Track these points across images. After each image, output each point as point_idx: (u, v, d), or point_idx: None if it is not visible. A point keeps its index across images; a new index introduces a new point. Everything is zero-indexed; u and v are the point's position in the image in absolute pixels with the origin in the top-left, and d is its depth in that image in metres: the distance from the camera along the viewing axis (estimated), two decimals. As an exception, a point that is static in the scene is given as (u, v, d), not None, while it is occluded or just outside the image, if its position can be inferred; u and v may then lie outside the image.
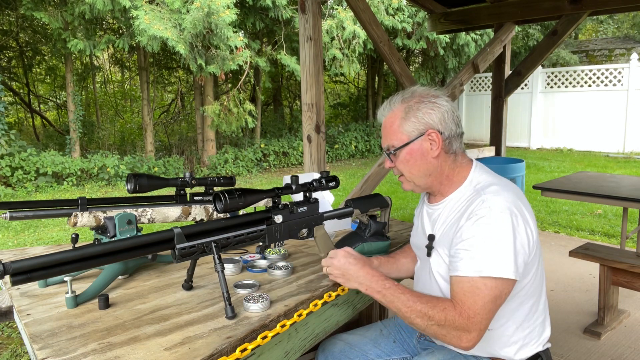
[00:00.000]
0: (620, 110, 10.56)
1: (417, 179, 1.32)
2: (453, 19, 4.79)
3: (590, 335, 2.77)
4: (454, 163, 1.31)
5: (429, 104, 1.27)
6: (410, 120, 1.27)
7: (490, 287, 1.14)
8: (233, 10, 7.69)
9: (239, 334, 1.12)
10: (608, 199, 3.18)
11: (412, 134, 1.27)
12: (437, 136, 1.26)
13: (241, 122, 8.90)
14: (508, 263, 1.14)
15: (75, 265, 1.00)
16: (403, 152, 1.29)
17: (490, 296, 1.14)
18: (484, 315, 1.14)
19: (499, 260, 1.13)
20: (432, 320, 1.16)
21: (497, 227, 1.15)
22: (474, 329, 1.14)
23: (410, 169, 1.31)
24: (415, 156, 1.28)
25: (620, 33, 17.49)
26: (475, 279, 1.14)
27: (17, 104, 12.85)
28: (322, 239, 1.51)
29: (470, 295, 1.14)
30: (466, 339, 1.14)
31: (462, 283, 1.16)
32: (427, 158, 1.28)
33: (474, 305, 1.14)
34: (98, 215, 1.42)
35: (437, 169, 1.29)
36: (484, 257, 1.14)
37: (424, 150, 1.27)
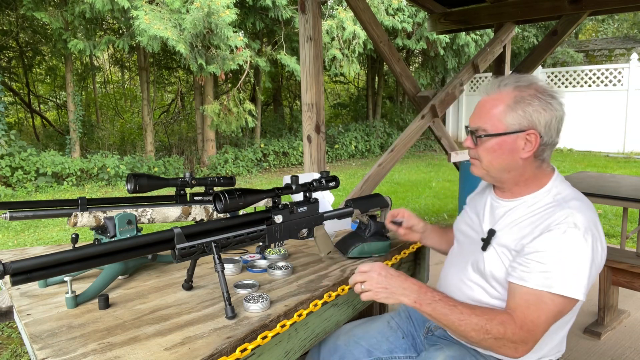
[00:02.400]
0: (620, 110, 10.56)
1: (494, 171, 1.23)
2: (453, 19, 4.79)
3: (590, 335, 2.77)
4: (538, 169, 1.23)
5: (544, 102, 1.16)
6: (516, 112, 1.16)
7: (556, 304, 1.10)
8: (233, 10, 7.69)
9: (239, 334, 1.12)
10: (608, 199, 3.18)
11: (512, 127, 1.17)
12: (535, 138, 1.16)
13: (241, 122, 8.90)
14: (580, 284, 1.10)
15: (75, 265, 1.00)
16: (492, 141, 1.19)
17: (554, 312, 1.11)
18: (543, 329, 1.12)
19: (573, 279, 1.09)
20: (490, 334, 1.11)
21: (579, 246, 1.10)
22: (532, 341, 1.12)
23: (491, 160, 1.22)
24: (504, 150, 1.19)
25: (620, 33, 17.49)
26: (544, 293, 1.10)
27: (17, 104, 12.86)
28: (322, 239, 1.51)
29: (535, 309, 1.11)
30: (522, 350, 1.12)
31: (529, 295, 1.12)
32: (515, 156, 1.19)
33: (538, 319, 1.11)
34: (98, 216, 1.42)
35: (520, 169, 1.21)
36: (558, 273, 1.09)
37: (515, 147, 1.18)
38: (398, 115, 14.53)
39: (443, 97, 4.14)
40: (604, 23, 18.26)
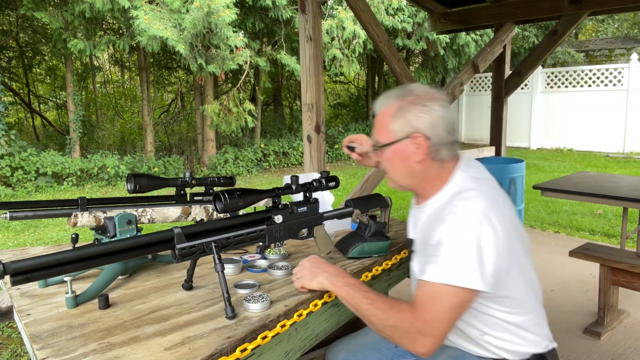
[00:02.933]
0: (620, 110, 10.56)
1: (399, 179, 1.31)
2: (453, 19, 4.79)
3: (590, 335, 2.77)
4: (439, 169, 1.26)
5: (421, 107, 1.21)
6: (399, 120, 1.23)
7: (451, 295, 1.11)
8: (233, 10, 7.69)
9: (239, 334, 1.12)
10: (608, 199, 3.18)
11: (398, 135, 1.23)
12: (423, 141, 1.21)
13: (241, 122, 8.90)
14: (473, 272, 1.10)
15: (75, 265, 1.00)
16: (388, 151, 1.27)
17: (450, 304, 1.11)
18: (441, 322, 1.12)
19: (463, 269, 1.10)
20: (388, 321, 1.15)
21: (462, 234, 1.12)
22: (430, 335, 1.11)
23: (392, 168, 1.30)
24: (399, 157, 1.25)
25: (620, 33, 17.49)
26: (438, 285, 1.12)
27: (17, 104, 12.86)
28: (322, 239, 1.51)
29: (430, 300, 1.13)
30: (421, 343, 1.12)
31: (425, 287, 1.14)
32: (410, 161, 1.24)
33: (433, 310, 1.12)
34: (98, 215, 1.42)
35: (420, 174, 1.26)
36: (448, 264, 1.11)
37: (407, 153, 1.24)
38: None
39: (443, 97, 4.13)
40: (604, 23, 18.26)
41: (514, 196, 4.60)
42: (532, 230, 5.10)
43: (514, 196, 4.60)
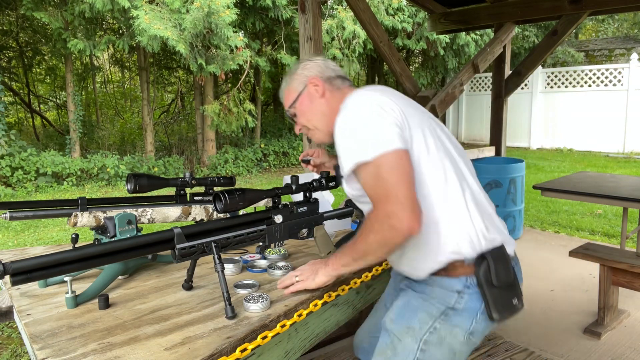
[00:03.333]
0: (620, 110, 10.55)
1: (316, 121, 1.41)
2: (453, 19, 4.79)
3: (590, 335, 2.77)
4: (341, 96, 1.38)
5: (305, 63, 1.47)
6: (294, 81, 1.45)
7: (382, 165, 1.12)
8: (233, 10, 7.69)
9: (239, 334, 1.12)
10: (608, 199, 3.18)
11: (299, 88, 1.43)
12: (318, 80, 1.41)
13: (241, 122, 8.89)
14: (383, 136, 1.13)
15: (75, 265, 1.00)
16: (298, 106, 1.43)
17: (387, 172, 1.11)
18: (396, 191, 1.10)
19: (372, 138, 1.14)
20: (369, 237, 1.14)
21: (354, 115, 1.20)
22: (395, 208, 1.09)
23: (307, 116, 1.42)
24: (306, 102, 1.42)
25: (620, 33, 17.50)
26: (366, 165, 1.14)
27: (17, 104, 12.86)
28: (322, 239, 1.52)
29: (371, 183, 1.14)
30: (397, 221, 1.09)
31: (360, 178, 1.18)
32: (316, 100, 1.41)
33: (379, 188, 1.12)
34: (98, 215, 1.42)
35: (328, 106, 1.39)
36: (356, 144, 1.16)
37: (312, 95, 1.41)
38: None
39: (443, 97, 4.14)
40: (604, 23, 18.26)
41: (513, 196, 4.61)
42: (532, 230, 5.10)
43: (513, 196, 4.61)
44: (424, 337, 1.22)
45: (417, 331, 1.23)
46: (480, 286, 1.20)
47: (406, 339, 1.23)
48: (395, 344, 1.25)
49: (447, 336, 1.22)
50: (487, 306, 1.21)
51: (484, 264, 1.20)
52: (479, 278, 1.20)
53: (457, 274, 1.21)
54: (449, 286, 1.22)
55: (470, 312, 1.21)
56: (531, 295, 3.36)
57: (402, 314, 1.27)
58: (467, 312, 1.21)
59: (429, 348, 1.22)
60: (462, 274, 1.21)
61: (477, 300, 1.21)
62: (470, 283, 1.21)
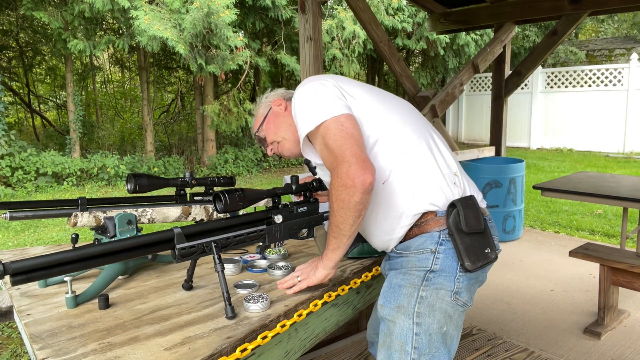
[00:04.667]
0: (620, 110, 10.55)
1: (283, 132, 1.48)
2: (453, 19, 4.79)
3: (590, 335, 2.77)
4: None
5: (267, 94, 1.59)
6: (260, 108, 1.56)
7: (331, 128, 1.21)
8: (233, 10, 7.68)
9: (239, 334, 1.12)
10: (608, 199, 3.18)
11: (264, 111, 1.54)
12: (280, 100, 1.52)
13: (241, 121, 8.89)
14: (328, 105, 1.24)
15: (75, 265, 1.00)
16: (264, 127, 1.52)
17: (336, 133, 1.20)
18: (347, 148, 1.17)
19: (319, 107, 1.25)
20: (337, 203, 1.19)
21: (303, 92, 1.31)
22: (349, 165, 1.15)
23: (274, 130, 1.50)
24: (272, 120, 1.51)
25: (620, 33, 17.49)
26: (317, 132, 1.24)
27: (17, 104, 12.85)
28: (322, 239, 1.51)
29: (324, 147, 1.22)
30: (348, 178, 1.15)
31: (315, 144, 1.28)
32: (280, 115, 1.50)
33: (333, 150, 1.19)
34: (98, 215, 1.42)
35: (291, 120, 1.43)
36: (306, 113, 1.27)
37: (276, 113, 1.51)
38: (398, 115, 14.48)
39: (443, 97, 4.14)
40: (604, 23, 18.25)
41: (513, 196, 4.61)
42: (532, 230, 5.10)
43: (513, 196, 4.61)
44: (415, 310, 1.23)
45: (407, 307, 1.24)
46: (452, 235, 1.23)
47: (399, 318, 1.25)
48: (391, 327, 1.26)
49: (436, 301, 1.23)
50: (459, 255, 1.23)
51: (454, 211, 1.23)
52: (450, 227, 1.23)
53: (429, 228, 1.24)
54: (423, 247, 1.25)
55: (449, 271, 1.24)
56: (531, 295, 3.36)
57: (388, 296, 1.29)
58: (447, 272, 1.23)
59: (423, 320, 1.23)
60: (435, 227, 1.24)
61: (454, 257, 1.24)
62: (443, 238, 1.24)
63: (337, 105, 1.25)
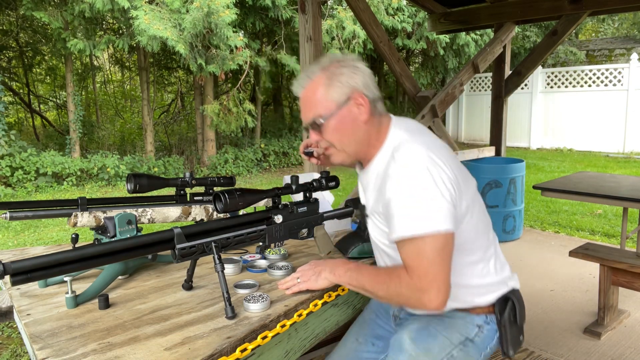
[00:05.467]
0: (620, 110, 10.55)
1: (349, 146, 1.25)
2: (453, 19, 4.79)
3: (590, 335, 2.77)
4: (379, 126, 1.26)
5: (351, 67, 1.22)
6: (335, 86, 1.20)
7: (428, 243, 1.11)
8: (233, 10, 7.69)
9: (239, 334, 1.12)
10: (608, 199, 3.18)
11: (340, 100, 1.20)
12: (364, 99, 1.21)
13: (241, 122, 8.90)
14: (439, 215, 1.10)
15: (75, 265, 1.00)
16: (332, 121, 1.22)
17: (433, 252, 1.11)
18: (435, 272, 1.11)
19: (429, 214, 1.10)
20: (391, 290, 1.17)
21: (415, 182, 1.12)
22: (430, 287, 1.11)
23: (341, 138, 1.24)
24: (346, 123, 1.22)
25: (620, 33, 17.49)
26: (412, 239, 1.12)
27: (17, 104, 12.85)
28: (322, 239, 1.51)
29: (414, 256, 1.12)
30: (427, 299, 1.11)
31: (403, 246, 1.15)
32: (358, 123, 1.22)
33: (420, 264, 1.12)
34: (98, 216, 1.42)
35: (367, 134, 1.24)
36: (410, 216, 1.11)
37: (353, 116, 1.22)
38: (398, 115, 14.49)
39: (443, 97, 4.14)
40: (604, 23, 18.26)
41: (513, 196, 4.60)
42: (532, 230, 5.10)
43: (513, 196, 4.60)
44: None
45: (435, 355, 1.26)
46: (501, 324, 1.29)
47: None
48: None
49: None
50: (504, 343, 1.29)
51: (508, 304, 1.29)
52: (502, 317, 1.29)
53: (477, 312, 1.30)
54: (470, 320, 1.29)
55: (482, 346, 1.30)
56: (531, 295, 3.36)
57: (422, 337, 1.29)
58: (481, 345, 1.29)
59: None
60: (483, 312, 1.30)
61: (492, 335, 1.30)
62: (490, 320, 1.30)
63: (445, 217, 1.11)
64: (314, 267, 1.36)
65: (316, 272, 1.34)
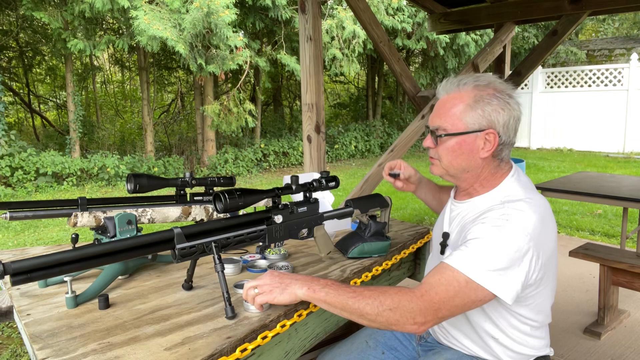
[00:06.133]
0: (620, 110, 10.56)
1: (454, 170, 1.24)
2: (453, 19, 4.79)
3: (590, 335, 2.77)
4: (496, 168, 1.23)
5: (503, 102, 1.16)
6: (476, 111, 1.16)
7: (468, 288, 1.07)
8: (232, 10, 7.69)
9: (239, 334, 1.12)
10: (608, 199, 3.18)
11: (472, 126, 1.17)
12: (494, 138, 1.17)
13: (241, 122, 8.90)
14: (498, 278, 1.07)
15: (75, 265, 1.00)
16: (452, 140, 1.20)
17: (463, 295, 1.08)
18: (447, 307, 1.08)
19: (491, 271, 1.07)
20: (384, 305, 1.09)
21: (505, 240, 1.08)
22: (431, 314, 1.08)
23: (451, 159, 1.22)
24: (464, 149, 1.19)
25: (620, 33, 17.49)
26: (460, 274, 1.08)
27: (17, 104, 12.85)
28: (322, 239, 1.51)
29: (445, 283, 1.08)
30: (420, 320, 1.07)
31: (445, 270, 1.10)
32: (475, 156, 1.19)
33: (443, 293, 1.08)
34: (98, 216, 1.42)
35: (478, 169, 1.22)
36: (479, 260, 1.08)
37: (474, 147, 1.18)
38: (398, 115, 14.53)
39: (443, 97, 4.13)
40: (604, 23, 18.26)
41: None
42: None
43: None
44: None
45: None
46: None
47: None
48: None
49: None
50: None
51: None
52: None
53: None
54: None
55: None
56: (531, 295, 3.36)
57: None
58: None
59: None
60: None
61: None
62: None
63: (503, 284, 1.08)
64: (279, 279, 1.19)
65: (282, 284, 1.18)
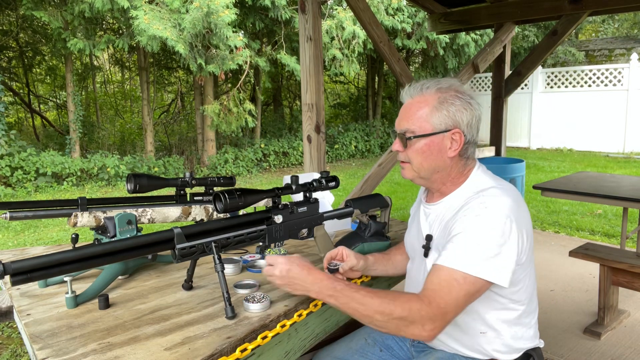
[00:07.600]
0: (620, 110, 10.55)
1: (424, 171, 1.27)
2: (453, 19, 4.79)
3: (590, 335, 2.77)
4: (464, 166, 1.29)
5: (465, 102, 1.23)
6: (441, 112, 1.22)
7: (467, 283, 1.12)
8: (232, 10, 7.69)
9: (239, 334, 1.12)
10: (608, 199, 3.18)
11: (438, 127, 1.22)
12: (460, 137, 1.22)
13: (241, 122, 8.90)
14: (492, 265, 1.12)
15: (75, 265, 1.00)
16: (421, 142, 1.24)
17: (464, 291, 1.12)
18: (452, 308, 1.12)
19: (484, 260, 1.12)
20: (393, 314, 1.11)
21: (488, 227, 1.13)
22: (440, 319, 1.11)
23: (422, 161, 1.26)
24: (432, 150, 1.24)
25: (620, 33, 17.49)
26: (456, 272, 1.12)
27: (17, 104, 12.85)
28: (322, 239, 1.51)
29: (446, 285, 1.12)
30: (430, 327, 1.11)
31: (441, 272, 1.14)
32: (443, 155, 1.24)
33: (447, 296, 1.11)
34: (98, 216, 1.42)
35: (447, 169, 1.27)
36: (469, 253, 1.12)
37: (442, 147, 1.23)
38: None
39: (443, 97, 4.13)
40: (604, 23, 18.25)
41: (514, 196, 4.60)
42: (532, 231, 5.10)
43: (514, 196, 4.60)
44: None
45: None
46: None
47: None
48: None
49: None
50: None
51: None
52: None
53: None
54: None
55: None
56: (531, 295, 3.36)
57: None
58: None
59: None
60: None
61: None
62: None
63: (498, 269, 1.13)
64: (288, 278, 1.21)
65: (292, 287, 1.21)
